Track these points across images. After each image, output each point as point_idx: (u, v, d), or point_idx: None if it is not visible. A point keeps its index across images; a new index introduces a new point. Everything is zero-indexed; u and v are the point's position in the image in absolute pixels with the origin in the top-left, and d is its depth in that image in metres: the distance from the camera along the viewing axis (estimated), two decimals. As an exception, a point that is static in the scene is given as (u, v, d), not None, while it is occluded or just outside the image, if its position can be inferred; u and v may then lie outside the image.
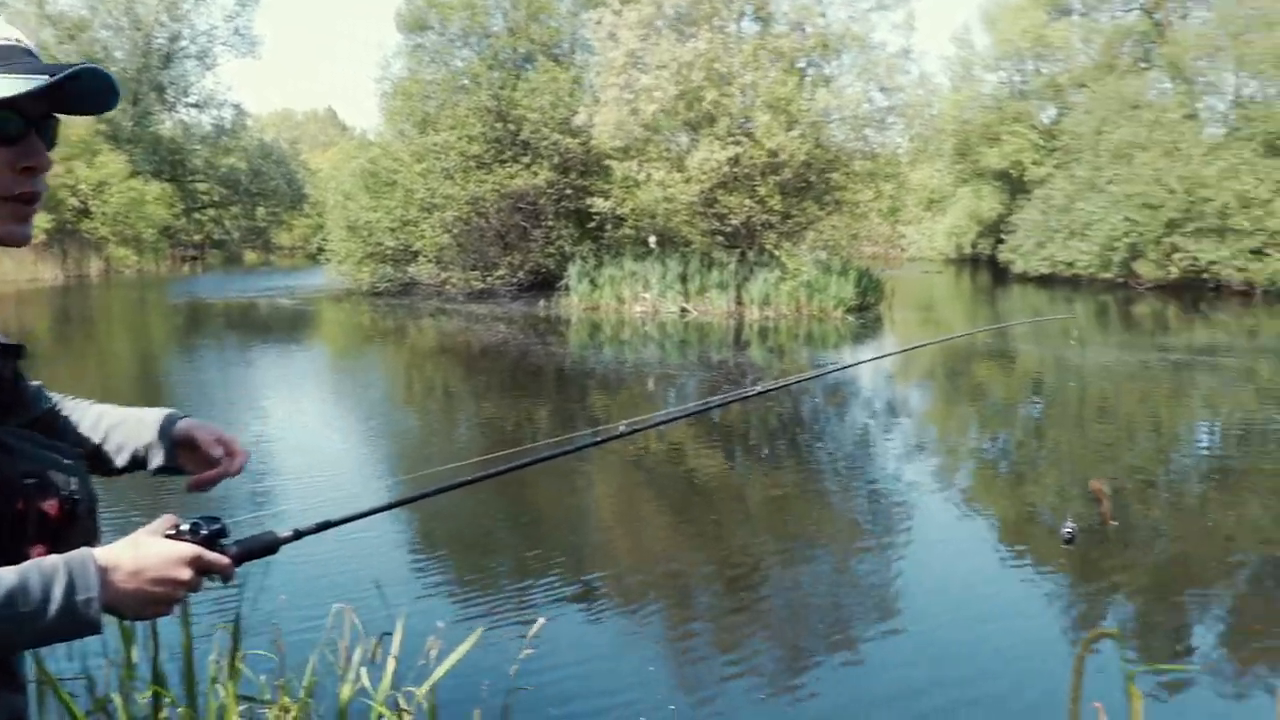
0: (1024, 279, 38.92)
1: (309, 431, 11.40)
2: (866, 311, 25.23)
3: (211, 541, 1.44)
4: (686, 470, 9.69)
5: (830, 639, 5.56)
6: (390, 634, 3.64)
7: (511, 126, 27.75)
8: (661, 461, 9.98)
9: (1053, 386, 15.63)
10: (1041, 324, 23.29)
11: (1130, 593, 6.42)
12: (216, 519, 1.47)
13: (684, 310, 24.36)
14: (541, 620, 4.86)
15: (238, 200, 51.83)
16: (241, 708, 3.52)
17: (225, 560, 1.45)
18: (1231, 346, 20.22)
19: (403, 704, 3.49)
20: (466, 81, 28.80)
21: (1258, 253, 32.08)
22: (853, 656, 5.33)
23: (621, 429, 2.23)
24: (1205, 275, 32.97)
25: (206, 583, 1.42)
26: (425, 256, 28.94)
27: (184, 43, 48.78)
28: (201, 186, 50.21)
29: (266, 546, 1.53)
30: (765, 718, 4.69)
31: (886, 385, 15.69)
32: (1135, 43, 44.71)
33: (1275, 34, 33.57)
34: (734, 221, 25.18)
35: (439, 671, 3.48)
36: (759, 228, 25.65)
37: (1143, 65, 42.26)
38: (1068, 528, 7.18)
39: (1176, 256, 33.37)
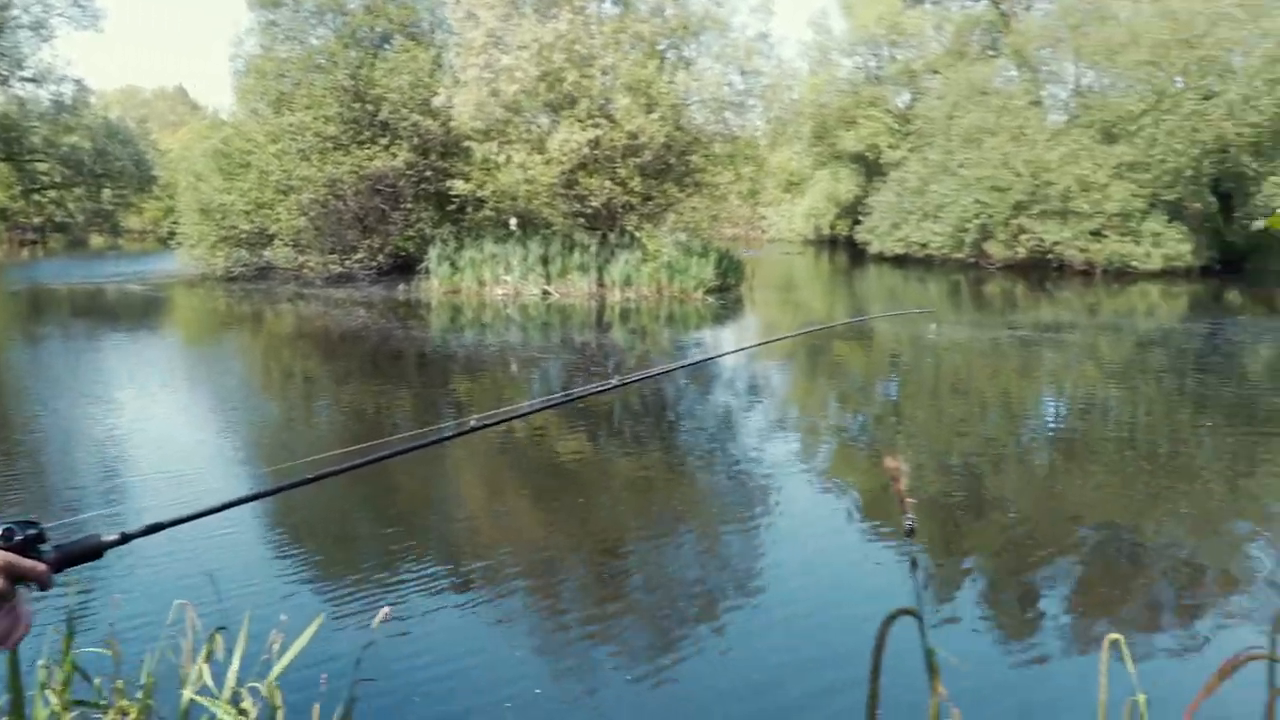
0: (880, 259, 39.97)
1: (162, 423, 10.89)
2: (727, 292, 25.51)
3: (26, 548, 1.32)
4: (550, 454, 9.60)
5: (696, 619, 5.54)
6: (227, 629, 3.47)
7: (369, 107, 27.10)
8: (525, 446, 9.87)
9: (909, 365, 16.04)
10: (902, 315, 23.90)
11: (981, 565, 6.59)
12: (33, 523, 1.36)
13: (546, 292, 24.22)
14: (386, 609, 4.72)
15: (81, 181, 49.35)
16: (74, 714, 3.32)
17: (42, 567, 1.34)
18: (1075, 323, 21.10)
19: (246, 700, 3.33)
20: (322, 60, 27.99)
21: (1097, 234, 33.68)
22: (718, 636, 5.32)
23: (472, 423, 2.14)
24: (1050, 255, 34.44)
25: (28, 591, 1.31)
26: (282, 240, 28.08)
27: (15, 12, 46.12)
28: (41, 166, 47.66)
29: (89, 551, 1.42)
30: (632, 699, 4.65)
31: (749, 366, 15.85)
32: (984, 31, 46.31)
33: (1108, 28, 35.13)
34: (595, 203, 25.14)
35: (279, 665, 3.33)
36: (620, 209, 25.68)
37: (991, 53, 43.80)
38: (908, 519, 7.35)
39: (1023, 237, 34.75)
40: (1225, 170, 34.20)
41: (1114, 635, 2.34)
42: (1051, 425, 11.69)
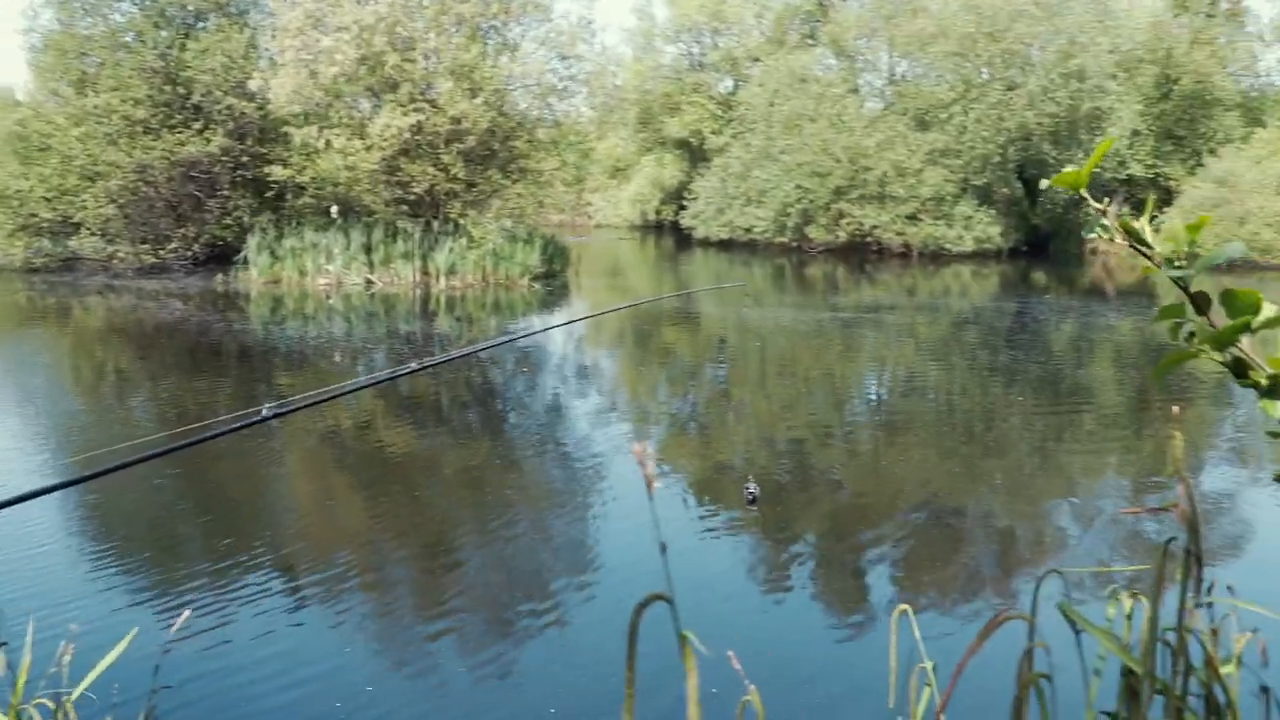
0: (706, 244, 40.52)
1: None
2: (553, 279, 25.43)
3: None
4: (371, 444, 9.29)
5: (530, 607, 5.45)
6: (8, 644, 3.21)
7: (181, 89, 25.77)
8: (346, 436, 9.55)
9: (735, 347, 16.31)
10: (722, 290, 24.30)
11: (810, 544, 6.73)
12: None
13: (369, 282, 23.60)
14: (188, 613, 4.49)
15: None
16: None
17: None
18: (894, 304, 21.89)
19: (34, 716, 3.09)
20: (129, 39, 26.51)
21: (913, 218, 35.02)
22: (553, 622, 5.26)
23: (265, 412, 2.03)
24: (869, 238, 35.60)
25: None
26: (88, 229, 26.39)
27: None
28: None
29: None
30: (464, 692, 4.56)
31: (576, 350, 15.85)
32: (803, 20, 47.42)
33: (919, 19, 36.54)
34: (418, 190, 24.62)
35: (86, 681, 3.10)
36: (444, 196, 25.22)
37: (810, 42, 44.87)
38: (750, 488, 7.49)
39: (844, 221, 35.80)
40: (1028, 157, 36.07)
41: (902, 606, 2.43)
42: (874, 404, 12.05)
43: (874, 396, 12.55)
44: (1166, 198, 35.41)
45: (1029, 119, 34.41)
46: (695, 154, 49.85)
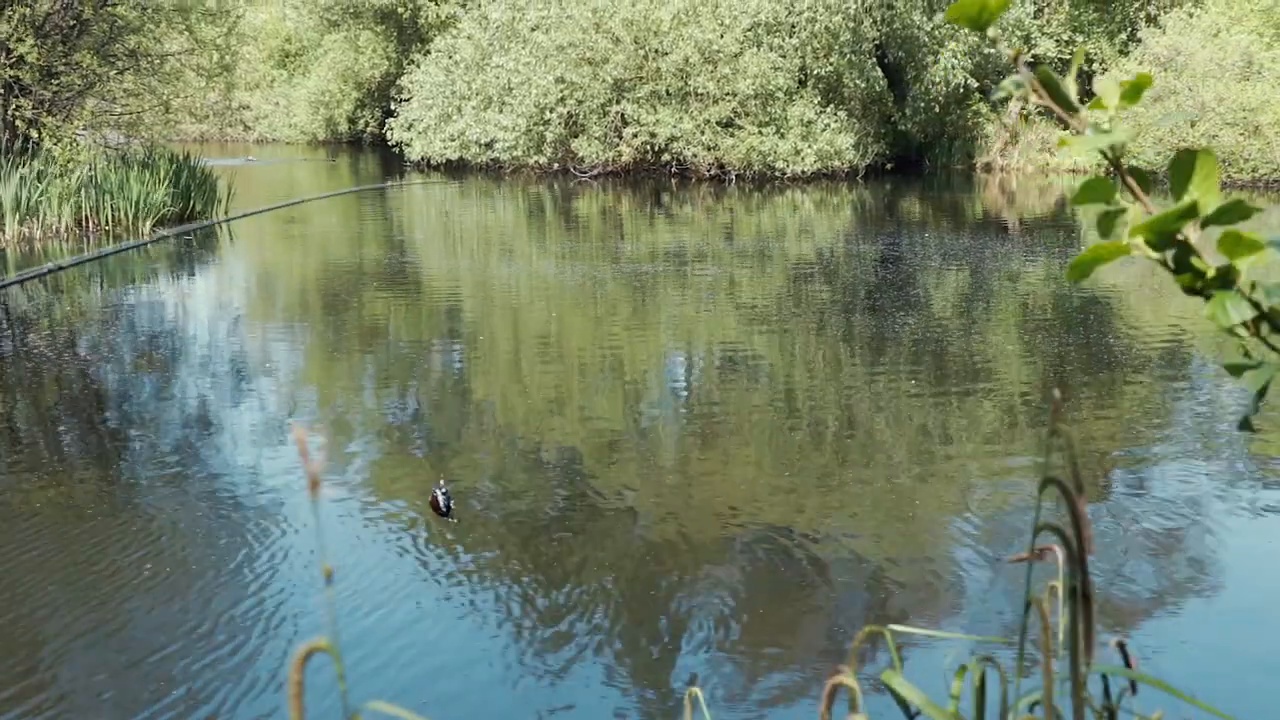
0: (427, 167, 40.26)
1: None
2: (191, 223, 24.75)
3: None
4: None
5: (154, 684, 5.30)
6: None
7: None
8: None
9: (476, 320, 16.19)
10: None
11: (568, 592, 6.75)
12: None
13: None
14: None
15: None
16: None
17: None
18: (705, 250, 22.30)
19: None
20: None
21: (728, 125, 35.69)
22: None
23: None
24: (665, 156, 36.06)
25: None
26: None
27: None
28: None
29: None
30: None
31: (232, 331, 15.47)
32: None
33: None
34: (-30, 83, 23.52)
35: None
36: (2, 92, 24.15)
37: None
38: (441, 489, 7.57)
39: (628, 131, 36.13)
40: (892, 33, 37.32)
41: (694, 689, 2.47)
42: (678, 395, 12.19)
43: (678, 384, 12.72)
44: (1089, 88, 37.37)
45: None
46: (407, 32, 49.48)
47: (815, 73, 36.25)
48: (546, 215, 29.46)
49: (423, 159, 41.07)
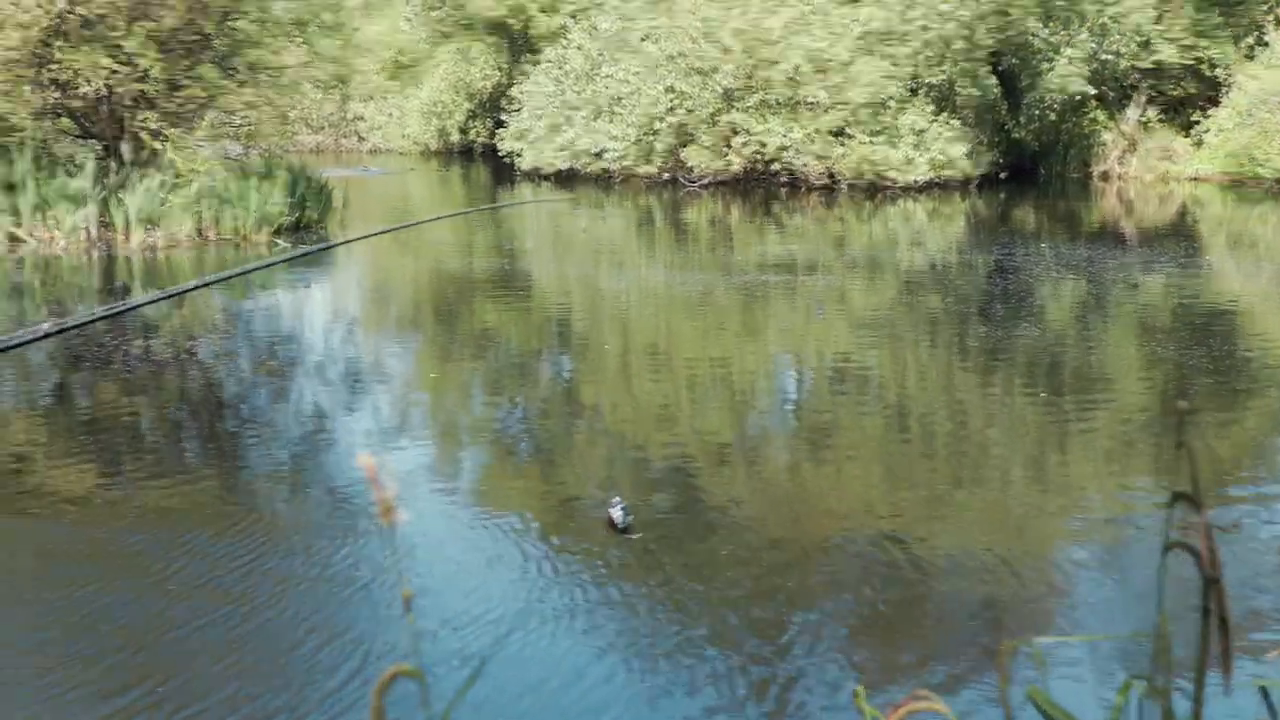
0: (537, 177, 40.38)
1: None
2: (308, 232, 25.00)
3: None
4: (31, 485, 8.99)
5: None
6: None
7: None
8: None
9: (585, 329, 16.21)
10: (571, 247, 24.24)
11: (710, 596, 6.71)
12: None
13: (15, 239, 22.78)
14: None
15: None
16: None
17: None
18: (814, 260, 22.16)
19: None
20: None
21: (839, 134, 35.42)
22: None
23: None
24: (775, 165, 35.89)
25: None
26: None
27: None
28: None
29: None
30: None
31: (347, 338, 15.60)
32: None
33: None
34: (86, 94, 23.86)
35: None
36: (129, 105, 24.53)
37: None
38: (617, 506, 7.48)
39: (738, 141, 35.99)
40: (1007, 40, 36.87)
41: (858, 688, 2.43)
42: (789, 405, 12.17)
43: (788, 395, 12.70)
44: (1212, 93, 36.49)
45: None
46: (517, 43, 49.70)
47: (927, 81, 35.92)
48: (656, 225, 29.45)
49: (533, 169, 41.19)
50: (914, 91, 35.93)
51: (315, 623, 6.60)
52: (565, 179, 39.29)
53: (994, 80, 37.40)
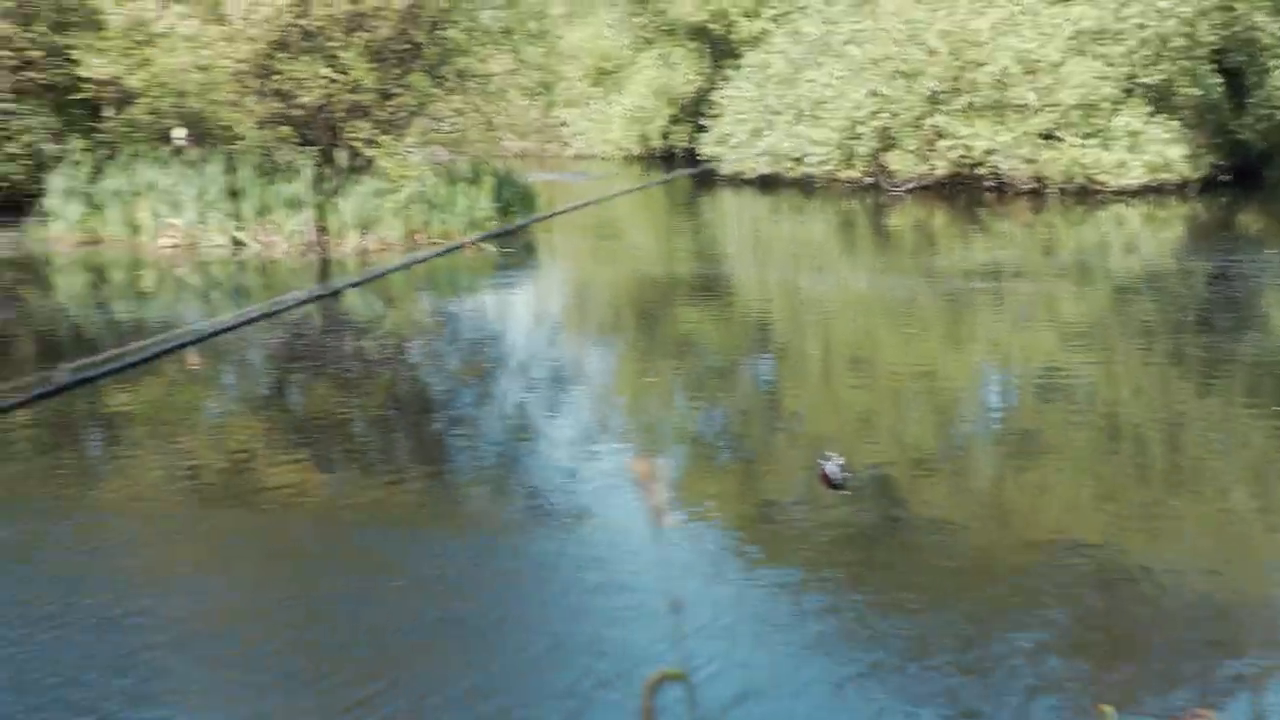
0: (738, 182, 40.34)
1: None
2: (513, 236, 25.26)
3: None
4: (250, 483, 9.13)
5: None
6: None
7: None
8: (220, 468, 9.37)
9: (786, 333, 16.14)
10: (762, 248, 24.13)
11: (911, 608, 6.57)
12: None
13: (238, 243, 23.39)
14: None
15: None
16: None
17: None
18: (1021, 266, 21.70)
19: None
20: None
21: (1049, 137, 34.68)
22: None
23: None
24: (981, 169, 35.28)
25: None
26: None
27: None
28: None
29: None
30: None
31: (550, 341, 15.71)
32: None
33: None
34: (306, 103, 24.40)
35: None
36: (344, 114, 25.01)
37: None
38: (832, 462, 7.38)
39: (943, 144, 35.49)
40: (1232, 36, 35.70)
41: (1105, 707, 2.24)
42: (996, 414, 11.90)
43: (995, 404, 12.46)
44: None
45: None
46: (719, 48, 49.71)
47: (1143, 80, 34.95)
48: (858, 229, 29.17)
49: (734, 174, 41.15)
50: (1129, 92, 34.98)
51: (541, 620, 6.76)
52: (766, 184, 39.17)
53: (1217, 79, 36.20)
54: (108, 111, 26.19)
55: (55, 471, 9.72)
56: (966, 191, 34.96)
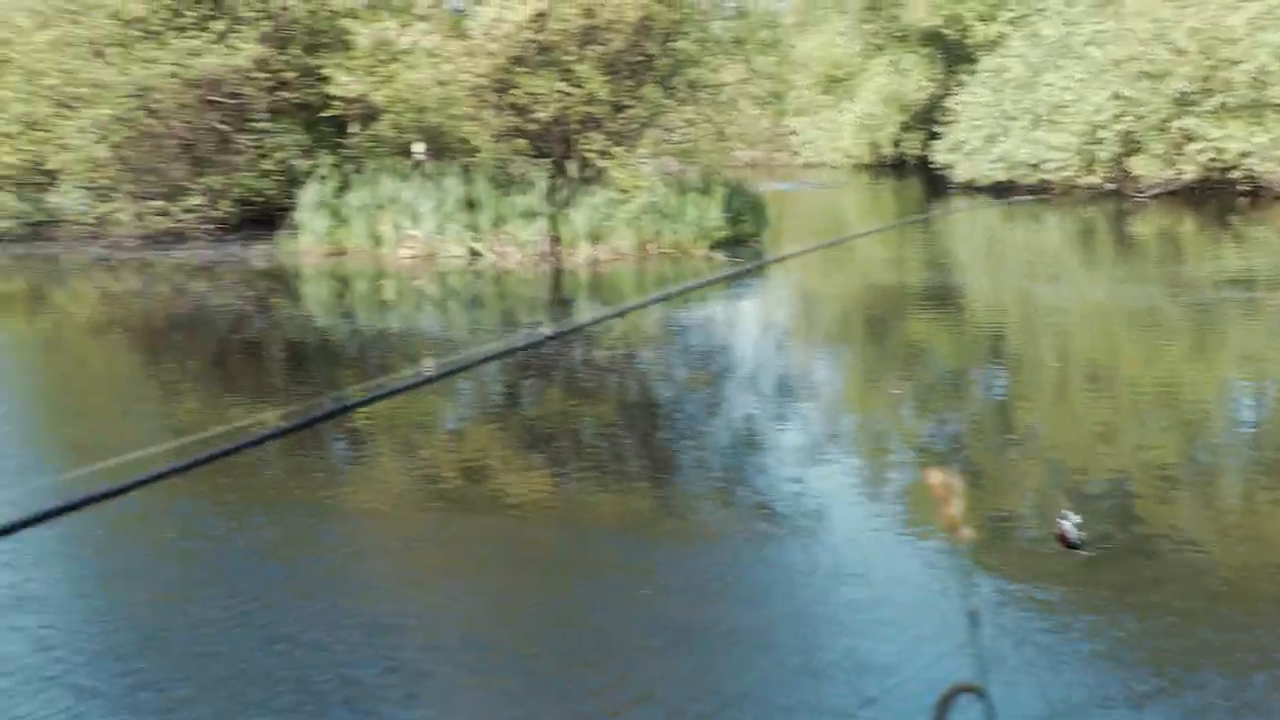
0: (972, 189, 39.88)
1: None
2: (743, 246, 25.33)
3: None
4: (488, 491, 9.38)
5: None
6: None
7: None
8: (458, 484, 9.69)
9: (1021, 344, 15.89)
10: (997, 260, 23.87)
11: (1188, 625, 6.51)
12: None
13: (475, 253, 23.91)
14: None
15: None
16: None
17: None
18: (1277, 276, 21.02)
19: None
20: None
21: (1311, 139, 33.55)
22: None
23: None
24: (1235, 173, 34.24)
25: None
26: (72, 179, 27.41)
27: None
28: None
29: None
30: None
31: (777, 349, 15.78)
32: None
33: None
34: (542, 117, 24.81)
35: None
36: (578, 126, 25.36)
37: None
38: (1069, 519, 7.31)
39: (1192, 148, 34.59)
40: None
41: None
42: (1246, 431, 11.51)
43: (1244, 420, 11.99)
44: None
45: None
46: (953, 54, 49.20)
47: None
48: (1098, 237, 28.55)
49: (968, 181, 40.70)
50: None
51: (796, 632, 6.73)
52: (1001, 191, 38.64)
53: None
54: (353, 128, 26.98)
55: (336, 475, 10.16)
56: (1217, 196, 33.95)
